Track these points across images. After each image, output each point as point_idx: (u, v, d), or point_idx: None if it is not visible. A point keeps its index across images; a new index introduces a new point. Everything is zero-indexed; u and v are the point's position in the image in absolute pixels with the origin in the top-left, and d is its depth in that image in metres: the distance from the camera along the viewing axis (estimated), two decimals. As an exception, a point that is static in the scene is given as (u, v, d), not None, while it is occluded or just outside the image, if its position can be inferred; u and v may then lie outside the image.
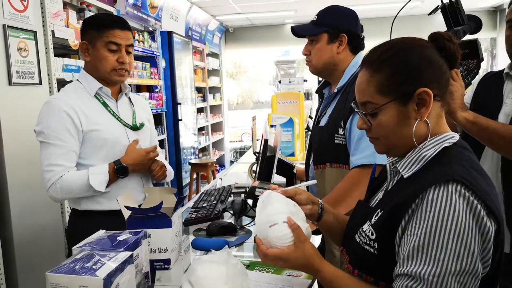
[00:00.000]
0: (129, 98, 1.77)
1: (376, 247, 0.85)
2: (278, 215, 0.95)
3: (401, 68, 0.85)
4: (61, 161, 1.52)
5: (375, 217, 0.87)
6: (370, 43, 1.19)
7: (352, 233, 0.95)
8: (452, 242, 0.74)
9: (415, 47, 0.87)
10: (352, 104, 0.95)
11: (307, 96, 5.47)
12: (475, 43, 1.40)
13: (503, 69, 1.57)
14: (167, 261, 1.10)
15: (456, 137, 0.88)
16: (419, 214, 0.78)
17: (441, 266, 0.74)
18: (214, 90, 7.42)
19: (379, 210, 0.88)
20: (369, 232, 0.87)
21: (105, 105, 1.64)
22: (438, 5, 1.54)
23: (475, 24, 1.51)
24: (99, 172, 1.54)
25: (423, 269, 0.75)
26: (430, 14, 1.63)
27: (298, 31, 1.65)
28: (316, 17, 1.63)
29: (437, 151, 0.85)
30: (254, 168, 2.40)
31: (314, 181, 1.21)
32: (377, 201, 0.96)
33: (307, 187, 1.81)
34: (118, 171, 1.57)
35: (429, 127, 0.86)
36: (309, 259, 0.91)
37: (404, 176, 0.87)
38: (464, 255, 0.74)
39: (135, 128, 1.70)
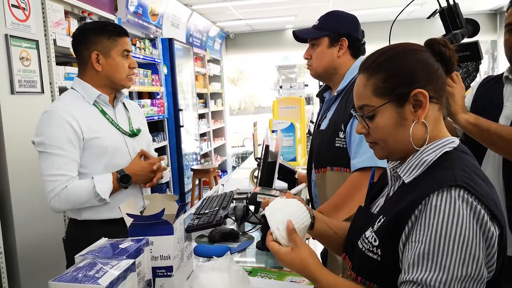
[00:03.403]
0: (124, 104, 1.77)
1: (379, 253, 0.84)
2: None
3: (396, 70, 0.87)
4: (65, 171, 1.51)
5: (377, 223, 0.87)
6: (371, 47, 1.20)
7: (355, 239, 0.94)
8: (457, 248, 0.74)
9: (409, 51, 0.88)
10: (351, 111, 0.96)
11: (308, 100, 5.47)
12: (476, 45, 1.41)
13: (503, 73, 1.58)
14: (169, 268, 1.10)
15: (456, 141, 0.88)
16: (423, 220, 0.77)
17: (447, 273, 0.73)
18: (216, 96, 7.44)
19: (381, 216, 0.87)
20: (372, 238, 0.87)
21: (103, 113, 1.63)
22: (437, 9, 1.55)
23: (473, 27, 1.53)
24: (104, 180, 1.55)
25: (429, 275, 0.74)
26: (429, 17, 1.65)
27: (300, 35, 1.66)
28: (318, 21, 1.65)
29: (438, 156, 0.85)
30: (255, 173, 2.40)
31: (303, 185, 1.19)
32: (378, 207, 0.95)
33: (310, 192, 1.81)
34: (122, 179, 1.57)
35: (427, 130, 0.86)
36: (305, 264, 0.92)
37: (405, 181, 0.87)
38: (469, 261, 0.74)
39: (132, 134, 1.70)
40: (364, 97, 0.90)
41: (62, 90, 2.75)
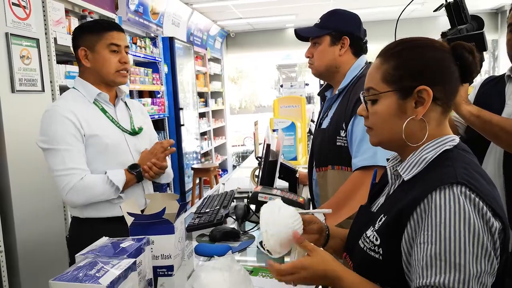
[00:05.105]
0: (125, 103, 1.77)
1: (380, 252, 0.84)
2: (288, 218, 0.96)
3: (409, 62, 0.86)
4: (78, 164, 1.52)
5: (378, 222, 0.87)
6: (373, 46, 1.20)
7: (356, 239, 0.94)
8: (469, 245, 0.73)
9: (430, 47, 0.87)
10: (361, 93, 0.96)
11: (309, 100, 5.46)
12: (481, 35, 1.42)
13: (504, 73, 1.59)
14: (170, 268, 1.10)
15: (456, 139, 0.88)
16: (429, 220, 0.76)
17: (464, 271, 0.72)
18: (216, 95, 7.44)
19: (382, 215, 0.87)
20: (373, 237, 0.86)
21: (103, 111, 1.64)
22: (443, 3, 1.56)
23: (477, 23, 1.53)
24: (116, 172, 1.58)
25: (445, 277, 0.72)
26: (435, 10, 1.65)
27: (301, 33, 1.66)
28: (320, 20, 1.64)
29: (438, 153, 0.85)
30: (256, 173, 2.39)
31: (329, 210, 1.14)
32: (378, 206, 0.95)
33: (311, 191, 1.81)
34: (131, 167, 1.61)
35: (426, 129, 0.86)
36: (328, 264, 0.87)
37: (405, 179, 0.86)
38: (482, 255, 0.73)
39: (133, 133, 1.70)
40: (373, 80, 0.90)
41: (62, 88, 2.75)
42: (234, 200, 2.05)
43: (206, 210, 1.85)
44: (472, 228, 0.73)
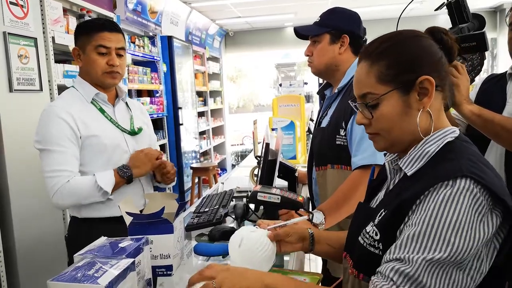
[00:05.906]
0: (126, 103, 1.76)
1: (380, 247, 0.82)
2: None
3: (402, 56, 0.85)
4: (66, 167, 1.51)
5: (378, 217, 0.85)
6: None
7: (355, 236, 0.92)
8: (449, 233, 0.72)
9: (415, 37, 0.86)
10: (349, 101, 0.94)
11: (308, 98, 5.46)
12: (482, 35, 1.41)
13: (506, 71, 1.59)
14: (169, 267, 1.09)
15: (457, 131, 0.87)
16: (421, 205, 0.76)
17: (433, 253, 0.72)
18: (215, 94, 7.43)
19: (382, 210, 0.85)
20: (373, 232, 0.85)
21: (102, 111, 1.63)
22: (444, 2, 1.55)
23: (478, 22, 1.53)
24: (105, 174, 1.54)
25: (413, 253, 0.73)
26: (436, 9, 1.65)
27: (301, 31, 1.65)
28: (319, 18, 1.64)
29: (440, 146, 0.84)
30: (255, 172, 2.39)
31: (305, 217, 1.18)
32: (378, 202, 0.94)
33: (310, 190, 1.81)
34: (120, 169, 1.56)
35: (431, 119, 0.84)
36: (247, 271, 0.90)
37: (408, 174, 0.85)
38: (459, 247, 0.72)
39: (133, 133, 1.69)
40: (367, 84, 0.87)
41: (60, 88, 2.74)
42: (233, 200, 2.04)
43: (205, 210, 1.84)
44: (460, 219, 0.72)
